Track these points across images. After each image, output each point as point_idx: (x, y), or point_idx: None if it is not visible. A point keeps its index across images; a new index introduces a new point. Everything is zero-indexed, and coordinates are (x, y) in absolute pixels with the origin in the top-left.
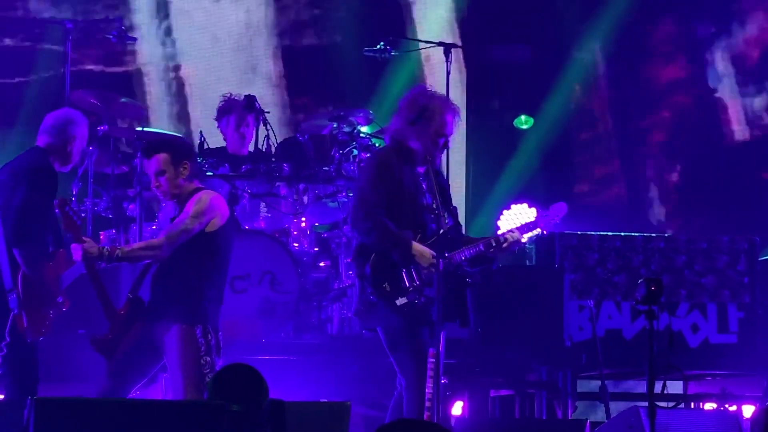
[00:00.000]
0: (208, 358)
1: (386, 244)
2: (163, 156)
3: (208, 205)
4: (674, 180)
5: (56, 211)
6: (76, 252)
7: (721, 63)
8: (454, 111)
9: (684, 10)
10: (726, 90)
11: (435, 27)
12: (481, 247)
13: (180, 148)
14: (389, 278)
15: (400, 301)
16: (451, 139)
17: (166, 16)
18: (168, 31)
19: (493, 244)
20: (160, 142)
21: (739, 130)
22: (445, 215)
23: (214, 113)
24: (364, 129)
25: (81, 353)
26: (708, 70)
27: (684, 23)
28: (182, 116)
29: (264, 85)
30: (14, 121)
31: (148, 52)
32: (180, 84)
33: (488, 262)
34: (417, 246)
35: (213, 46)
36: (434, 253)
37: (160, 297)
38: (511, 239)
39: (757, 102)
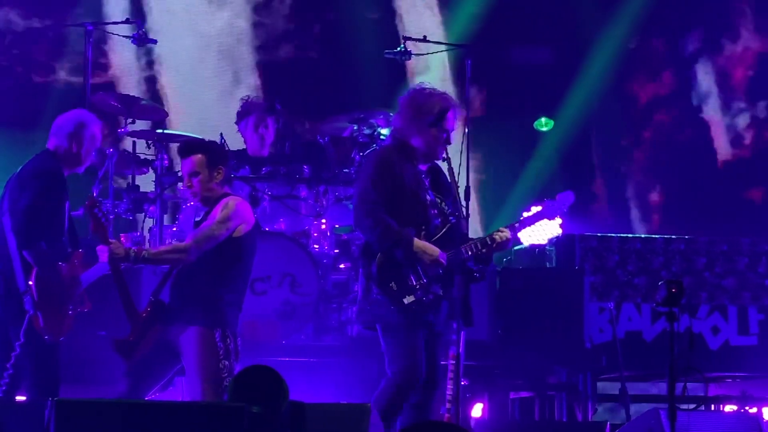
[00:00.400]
0: (227, 362)
1: (388, 242)
2: (199, 157)
3: (234, 211)
4: (655, 199)
5: (84, 211)
6: (103, 253)
7: (705, 81)
8: (455, 106)
9: (671, 26)
10: (710, 108)
11: (458, 29)
12: (478, 245)
13: (217, 152)
14: (396, 277)
15: (408, 299)
16: (453, 134)
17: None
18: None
19: (488, 242)
20: (197, 143)
21: (723, 150)
22: (450, 212)
23: (198, 119)
24: (384, 131)
25: (100, 355)
26: (693, 88)
27: (671, 40)
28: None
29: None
30: (37, 124)
31: (123, 60)
32: (157, 92)
33: (483, 262)
34: (419, 243)
35: (193, 53)
36: (438, 250)
37: (180, 300)
38: (499, 239)
39: (741, 121)
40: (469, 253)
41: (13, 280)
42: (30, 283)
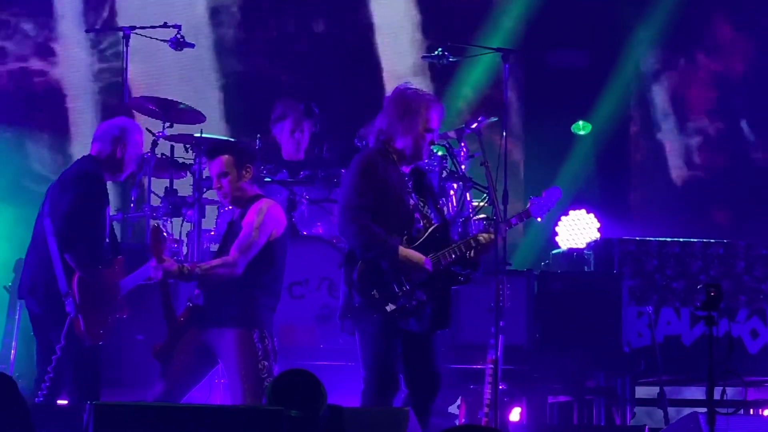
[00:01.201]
0: (266, 363)
1: (373, 252)
2: (226, 158)
3: (268, 215)
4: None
5: (148, 233)
6: (157, 271)
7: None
8: (439, 106)
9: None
10: (666, 129)
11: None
12: (462, 248)
13: (243, 151)
14: (378, 285)
15: (390, 307)
16: (436, 134)
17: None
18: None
19: (472, 245)
20: (224, 144)
21: (678, 171)
22: (432, 214)
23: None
24: None
25: (138, 358)
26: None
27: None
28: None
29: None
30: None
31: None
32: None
33: (472, 266)
34: (404, 251)
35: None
36: (423, 257)
37: (216, 303)
38: (483, 240)
39: (695, 142)
40: (452, 256)
41: (53, 283)
42: (72, 285)
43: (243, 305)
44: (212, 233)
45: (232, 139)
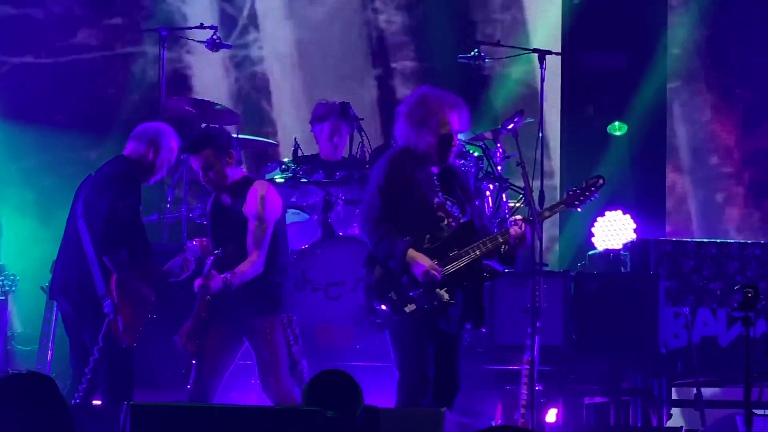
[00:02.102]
0: (296, 347)
1: (382, 253)
2: (208, 151)
3: (269, 201)
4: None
5: (199, 249)
6: (205, 289)
7: None
8: (459, 106)
9: None
10: None
11: (543, 34)
12: (488, 245)
13: (221, 139)
14: (395, 287)
15: (410, 308)
16: (457, 135)
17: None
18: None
19: (500, 240)
20: (200, 138)
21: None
22: (461, 212)
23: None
24: (460, 136)
25: (168, 359)
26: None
27: None
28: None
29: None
30: (110, 128)
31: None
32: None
33: (508, 262)
34: (412, 254)
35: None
36: (430, 263)
37: (238, 296)
38: (514, 233)
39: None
40: (477, 253)
41: (88, 284)
42: (111, 287)
43: (264, 293)
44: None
45: (207, 129)
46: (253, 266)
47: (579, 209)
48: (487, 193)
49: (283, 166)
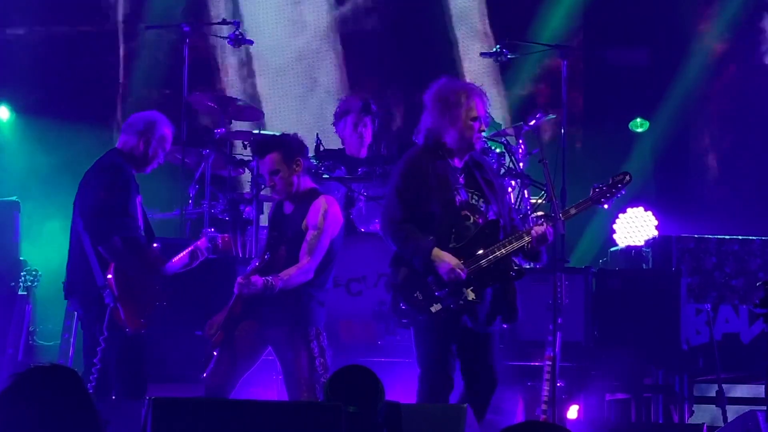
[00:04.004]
0: (322, 360)
1: (407, 252)
2: (275, 155)
3: (330, 216)
4: None
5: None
6: (244, 288)
7: None
8: (480, 92)
9: None
10: None
11: (556, 29)
12: (513, 243)
13: (291, 146)
14: (421, 287)
15: (435, 308)
16: (483, 121)
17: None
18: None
19: (525, 238)
20: (271, 141)
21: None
22: (486, 209)
23: (283, 90)
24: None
25: (192, 353)
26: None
27: None
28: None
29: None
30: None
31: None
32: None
33: (533, 258)
34: (437, 253)
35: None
36: (456, 262)
37: (273, 300)
38: (535, 234)
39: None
40: (503, 251)
41: (90, 279)
42: (109, 276)
43: (299, 304)
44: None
45: (278, 134)
46: (301, 271)
47: (606, 206)
48: (510, 189)
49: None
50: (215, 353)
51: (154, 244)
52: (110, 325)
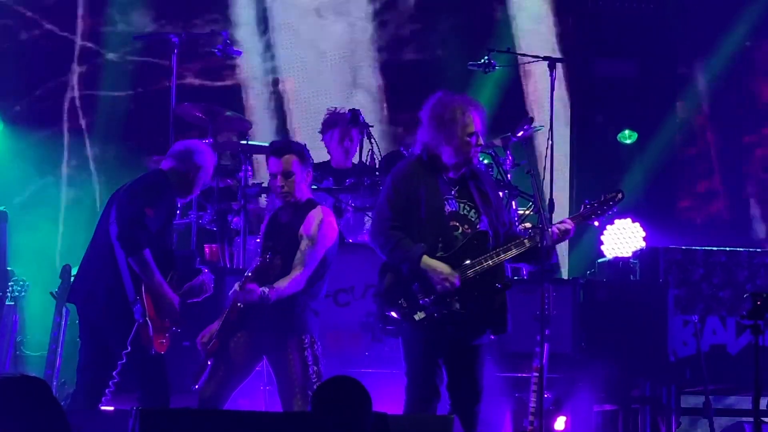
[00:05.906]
0: (316, 368)
1: (396, 258)
2: (294, 158)
3: (326, 227)
4: None
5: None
6: (243, 295)
7: None
8: (477, 107)
9: None
10: None
11: (536, 41)
12: (500, 256)
13: (307, 154)
14: (405, 294)
15: (419, 316)
16: (481, 136)
17: (267, 30)
18: (269, 46)
19: (527, 244)
20: (293, 144)
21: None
22: (477, 220)
23: (316, 127)
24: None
25: (183, 364)
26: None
27: None
28: (282, 130)
29: (365, 99)
30: (118, 134)
31: (248, 66)
32: (280, 98)
33: (534, 259)
34: (428, 261)
35: (315, 60)
36: (449, 269)
37: (268, 309)
38: (528, 243)
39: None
40: (490, 263)
41: (117, 290)
42: (142, 292)
43: (294, 312)
44: (258, 240)
45: (297, 141)
46: (294, 281)
47: (596, 223)
48: None
49: None
50: (209, 363)
51: (172, 272)
52: (135, 341)
